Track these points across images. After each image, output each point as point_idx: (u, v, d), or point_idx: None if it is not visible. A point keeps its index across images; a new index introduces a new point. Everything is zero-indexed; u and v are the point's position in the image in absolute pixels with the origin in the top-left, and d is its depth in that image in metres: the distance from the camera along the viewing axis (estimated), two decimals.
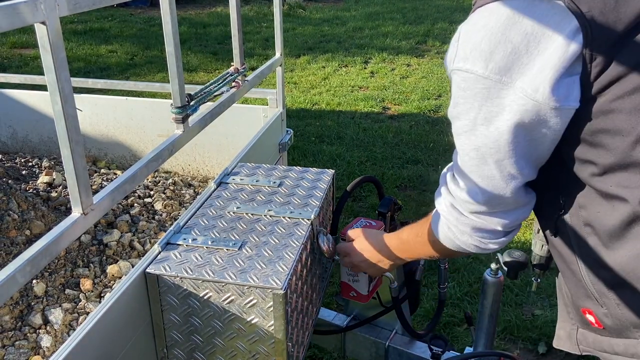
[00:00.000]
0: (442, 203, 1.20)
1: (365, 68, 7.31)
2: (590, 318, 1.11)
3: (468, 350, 2.05)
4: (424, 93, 6.24)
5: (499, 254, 1.82)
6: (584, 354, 1.18)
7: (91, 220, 1.16)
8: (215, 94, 1.73)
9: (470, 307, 2.90)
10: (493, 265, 1.86)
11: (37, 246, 1.02)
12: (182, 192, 2.62)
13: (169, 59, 1.46)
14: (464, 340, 2.70)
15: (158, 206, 2.44)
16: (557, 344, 1.27)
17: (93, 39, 8.68)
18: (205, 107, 1.69)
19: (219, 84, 1.76)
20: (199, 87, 1.66)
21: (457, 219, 1.16)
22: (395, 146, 4.92)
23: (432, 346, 1.95)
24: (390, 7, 10.99)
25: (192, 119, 1.57)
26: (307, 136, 5.11)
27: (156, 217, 2.39)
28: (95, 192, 1.19)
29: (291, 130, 2.49)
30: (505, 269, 1.74)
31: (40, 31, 0.99)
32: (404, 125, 5.36)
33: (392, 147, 4.88)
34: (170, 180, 2.70)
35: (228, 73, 1.86)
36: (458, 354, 1.98)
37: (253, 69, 2.15)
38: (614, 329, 1.07)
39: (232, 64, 1.90)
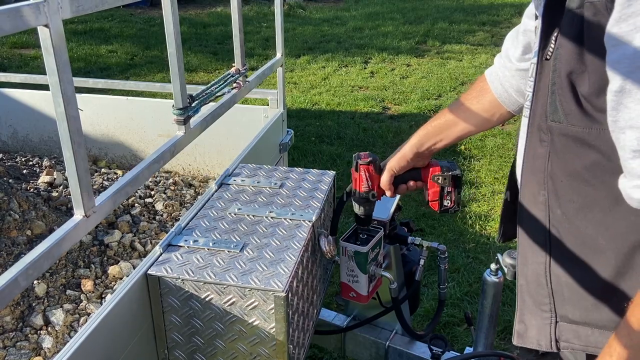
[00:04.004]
0: None
1: (365, 68, 7.31)
2: None
3: (468, 350, 2.06)
4: (424, 93, 6.23)
5: (499, 254, 1.82)
6: (563, 350, 1.14)
7: (93, 222, 1.16)
8: (217, 95, 1.73)
9: (470, 307, 2.90)
10: (493, 266, 1.86)
11: (39, 249, 1.02)
12: (183, 192, 2.63)
13: (170, 59, 1.46)
14: (464, 340, 2.70)
15: (159, 206, 2.44)
16: (518, 341, 1.22)
17: (93, 39, 8.67)
18: (207, 108, 1.69)
19: (221, 85, 1.76)
20: (199, 88, 1.66)
21: None
22: (395, 146, 4.88)
23: (432, 346, 1.95)
24: (390, 7, 10.98)
25: (194, 120, 1.57)
26: (307, 136, 5.11)
27: (157, 217, 2.39)
28: (96, 192, 1.19)
29: (291, 131, 2.49)
30: (505, 269, 1.74)
31: (43, 34, 0.99)
32: (404, 125, 5.36)
33: (392, 147, 4.88)
34: (170, 180, 2.70)
35: (229, 74, 1.86)
36: (458, 354, 1.98)
37: (253, 69, 2.15)
38: None
39: (232, 64, 1.90)
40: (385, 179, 1.52)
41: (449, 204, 1.57)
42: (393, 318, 1.96)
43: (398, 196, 1.91)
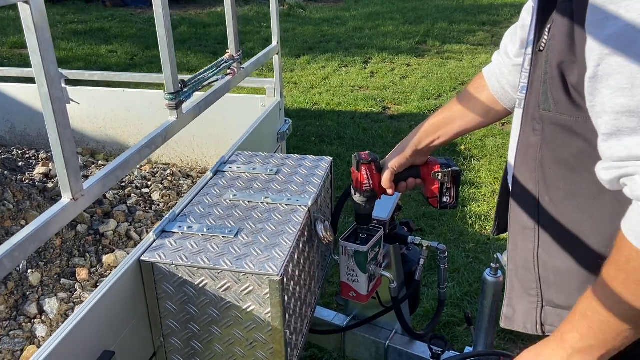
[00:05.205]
0: None
1: (365, 68, 7.29)
2: None
3: (468, 350, 2.03)
4: (424, 93, 6.22)
5: (498, 254, 1.80)
6: (547, 334, 1.15)
7: (81, 206, 1.13)
8: (210, 80, 1.70)
9: (470, 307, 2.87)
10: (493, 265, 1.84)
11: (25, 231, 0.99)
12: (180, 182, 2.60)
13: (160, 43, 1.42)
14: (464, 340, 2.67)
15: (155, 196, 2.42)
16: (506, 324, 1.25)
17: (93, 39, 8.66)
18: (200, 95, 1.66)
19: (214, 71, 1.73)
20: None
21: None
22: (395, 146, 4.89)
23: (432, 346, 1.93)
24: (390, 7, 10.98)
25: (186, 106, 1.54)
26: (307, 136, 5.09)
27: (153, 207, 2.37)
28: None
29: (290, 120, 2.46)
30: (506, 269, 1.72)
31: (24, 11, 0.95)
32: (404, 125, 5.33)
33: (392, 147, 4.77)
34: (168, 172, 2.68)
35: (223, 60, 1.83)
36: (458, 353, 1.96)
37: None
38: None
39: (227, 51, 1.87)
40: (386, 178, 1.54)
41: (448, 200, 1.57)
42: (393, 318, 1.94)
43: (398, 196, 1.90)
